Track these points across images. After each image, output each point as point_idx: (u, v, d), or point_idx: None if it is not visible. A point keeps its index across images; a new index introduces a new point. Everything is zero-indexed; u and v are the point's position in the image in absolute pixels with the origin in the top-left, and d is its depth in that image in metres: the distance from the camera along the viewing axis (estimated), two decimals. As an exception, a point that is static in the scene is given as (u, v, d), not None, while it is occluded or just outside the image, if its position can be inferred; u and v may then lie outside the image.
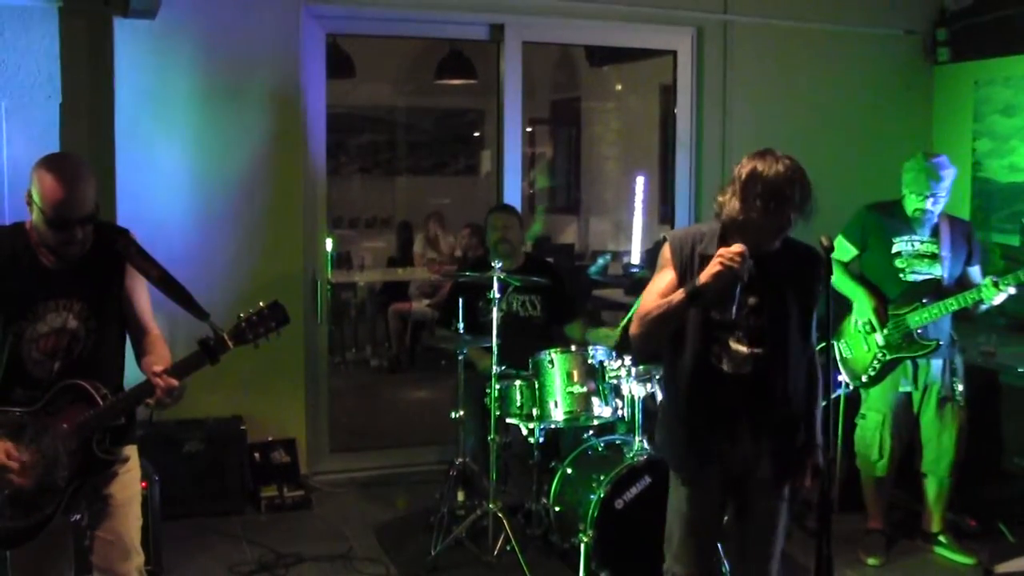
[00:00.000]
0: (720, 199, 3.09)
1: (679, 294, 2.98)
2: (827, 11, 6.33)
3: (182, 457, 5.03)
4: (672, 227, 6.53)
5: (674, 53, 6.31)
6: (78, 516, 3.03)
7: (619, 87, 10.01)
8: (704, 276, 2.93)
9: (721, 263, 2.90)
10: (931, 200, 4.52)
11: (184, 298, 2.93)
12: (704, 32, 6.18)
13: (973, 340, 5.04)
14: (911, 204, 4.59)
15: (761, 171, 2.97)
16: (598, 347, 4.66)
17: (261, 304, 2.95)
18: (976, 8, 6.27)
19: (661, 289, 3.09)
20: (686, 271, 3.10)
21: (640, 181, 9.25)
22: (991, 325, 5.29)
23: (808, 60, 6.36)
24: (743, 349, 3.10)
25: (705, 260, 3.01)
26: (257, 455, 5.33)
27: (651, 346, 3.05)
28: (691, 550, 3.21)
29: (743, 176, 3.01)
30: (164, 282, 2.93)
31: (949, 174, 4.54)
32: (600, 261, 9.14)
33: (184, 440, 5.06)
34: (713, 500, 3.23)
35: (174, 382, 2.84)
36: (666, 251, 3.15)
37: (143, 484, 4.02)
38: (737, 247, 2.91)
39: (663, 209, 8.43)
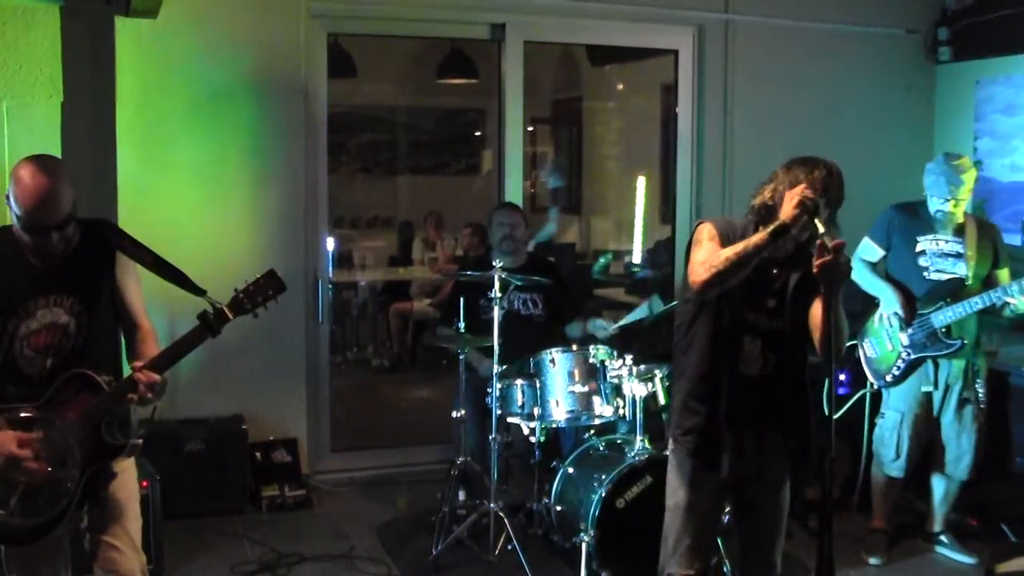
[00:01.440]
0: (760, 195, 3.15)
1: (760, 235, 3.00)
2: (828, 10, 6.32)
3: (183, 456, 5.03)
4: (674, 227, 6.52)
5: (675, 52, 6.30)
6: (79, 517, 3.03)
7: (620, 86, 10.01)
8: (786, 214, 3.00)
9: (803, 199, 2.98)
10: (951, 203, 4.50)
11: (180, 278, 2.98)
12: (705, 31, 6.18)
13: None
14: (932, 206, 4.56)
15: (808, 174, 3.06)
16: (599, 347, 4.66)
17: (257, 275, 2.97)
18: (977, 7, 6.27)
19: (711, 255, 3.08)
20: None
21: (641, 180, 9.25)
22: (995, 325, 5.29)
23: (809, 59, 6.35)
24: (756, 352, 3.13)
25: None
26: (258, 454, 5.33)
27: (718, 290, 3.04)
28: (690, 549, 3.20)
29: (788, 175, 3.09)
30: (159, 266, 2.99)
31: (970, 176, 4.50)
32: (602, 260, 9.15)
33: (185, 439, 5.06)
34: (714, 499, 3.23)
35: (156, 377, 2.84)
36: (709, 230, 3.15)
37: (144, 483, 4.03)
38: (806, 189, 3.01)
39: (664, 208, 8.43)
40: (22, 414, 2.88)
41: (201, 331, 2.90)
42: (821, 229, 2.91)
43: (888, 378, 4.63)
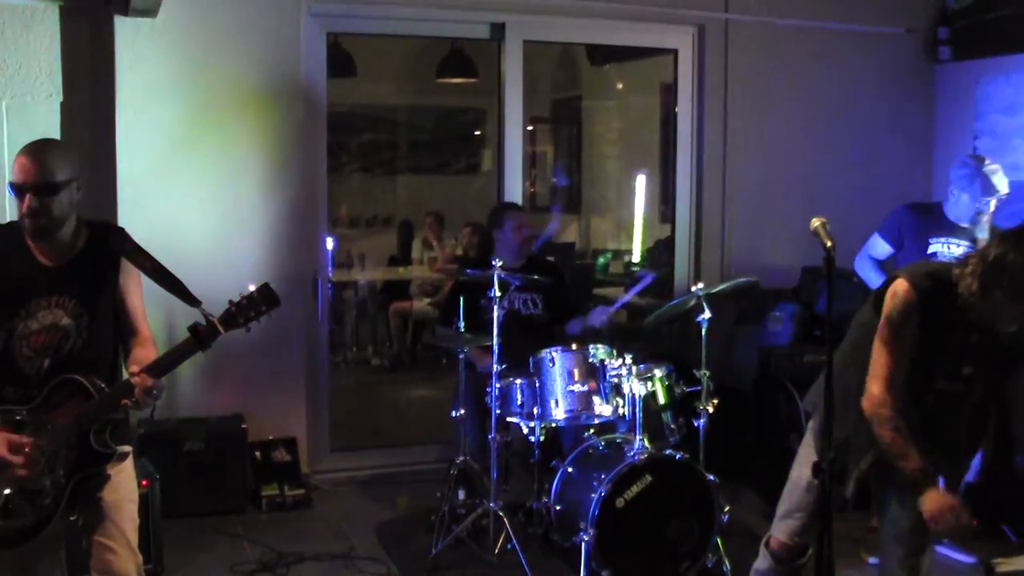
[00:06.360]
0: (962, 269, 2.91)
1: (917, 472, 2.95)
2: (828, 10, 6.32)
3: (183, 456, 5.03)
4: (673, 226, 6.50)
5: (675, 52, 6.30)
6: (73, 517, 3.02)
7: (620, 86, 10.01)
8: (927, 513, 2.93)
9: (940, 528, 2.95)
10: (994, 201, 4.52)
11: (178, 287, 2.96)
12: (705, 31, 6.18)
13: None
14: (970, 207, 4.54)
15: (1011, 260, 2.80)
16: (599, 346, 4.65)
17: (251, 288, 2.95)
18: (977, 7, 6.27)
19: (902, 357, 2.97)
20: (929, 336, 2.97)
21: (641, 180, 9.26)
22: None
23: (809, 59, 6.35)
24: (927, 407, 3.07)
25: (952, 328, 2.94)
26: (258, 454, 5.33)
27: None
28: (799, 522, 3.32)
29: (990, 258, 2.83)
30: (158, 273, 2.97)
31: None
32: (601, 260, 9.16)
33: (185, 439, 5.06)
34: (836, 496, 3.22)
35: (150, 381, 2.83)
36: (909, 306, 2.95)
37: (144, 483, 4.03)
38: (964, 521, 2.92)
39: (664, 208, 8.43)
40: (16, 417, 2.88)
41: (190, 344, 2.88)
42: None
43: None
